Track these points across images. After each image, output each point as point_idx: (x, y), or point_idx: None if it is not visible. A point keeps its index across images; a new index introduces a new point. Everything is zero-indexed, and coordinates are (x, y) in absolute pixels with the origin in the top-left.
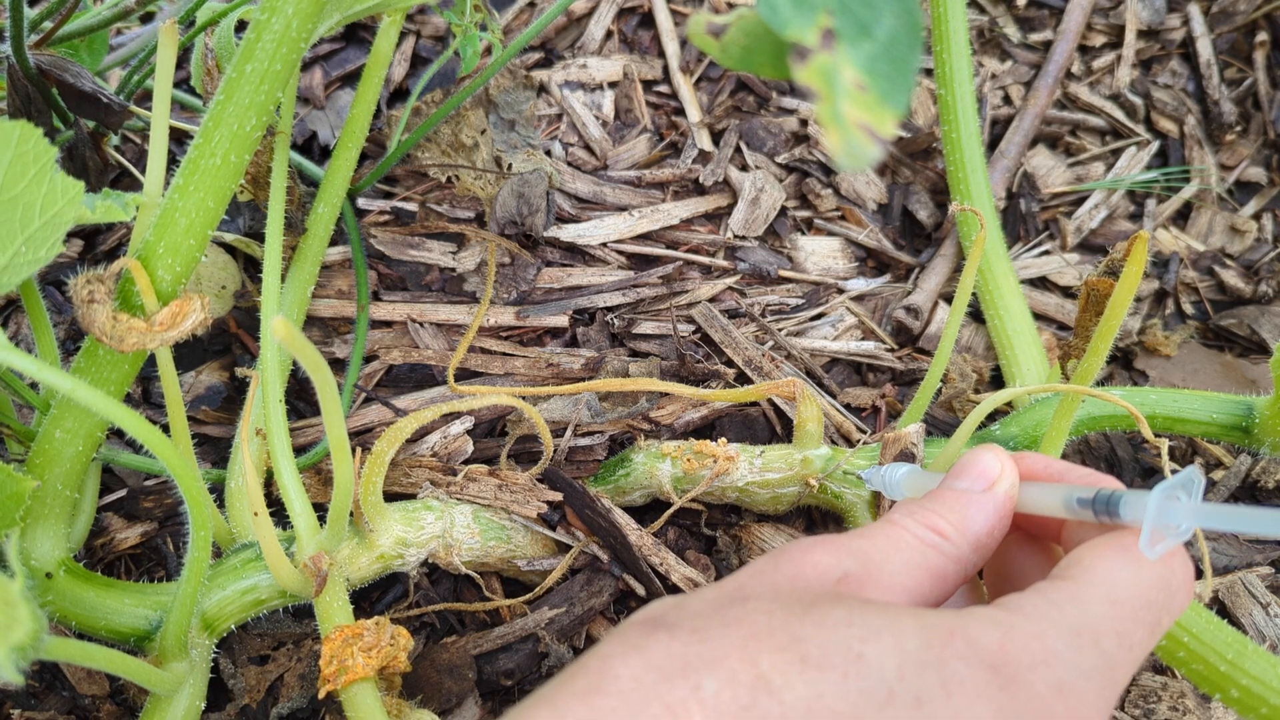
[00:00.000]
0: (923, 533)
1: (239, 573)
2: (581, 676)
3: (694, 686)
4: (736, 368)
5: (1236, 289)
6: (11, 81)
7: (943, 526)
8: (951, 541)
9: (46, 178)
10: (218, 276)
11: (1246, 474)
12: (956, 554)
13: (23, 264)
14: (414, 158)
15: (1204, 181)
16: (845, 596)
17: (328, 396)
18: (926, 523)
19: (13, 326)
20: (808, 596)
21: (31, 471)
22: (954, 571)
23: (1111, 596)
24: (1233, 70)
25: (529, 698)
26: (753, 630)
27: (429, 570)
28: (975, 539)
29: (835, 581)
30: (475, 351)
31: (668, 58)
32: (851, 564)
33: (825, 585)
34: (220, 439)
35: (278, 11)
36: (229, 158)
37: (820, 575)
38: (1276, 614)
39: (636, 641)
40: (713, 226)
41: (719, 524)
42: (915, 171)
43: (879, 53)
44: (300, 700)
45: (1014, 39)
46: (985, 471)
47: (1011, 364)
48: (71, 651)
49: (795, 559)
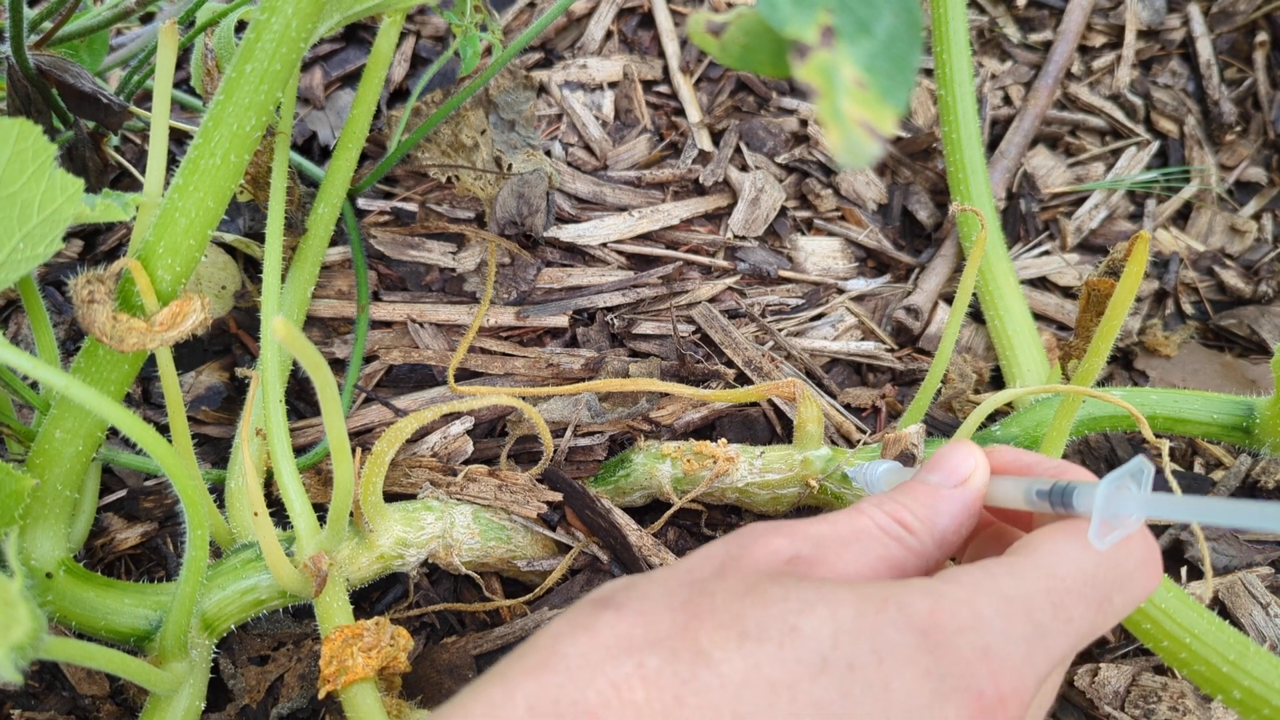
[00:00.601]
0: (886, 523)
1: (239, 573)
2: (532, 654)
3: (638, 664)
4: (736, 368)
5: (1236, 289)
6: (11, 82)
7: (908, 519)
8: (915, 535)
9: (45, 174)
10: (218, 276)
11: (1247, 474)
12: (919, 548)
13: (20, 260)
14: (414, 158)
15: (1204, 181)
16: (786, 575)
17: (328, 396)
18: (892, 514)
19: (13, 326)
20: (752, 577)
21: (31, 471)
22: (914, 565)
23: (1050, 571)
24: (1233, 70)
25: (482, 675)
26: (695, 611)
27: (429, 570)
28: (940, 534)
29: (784, 562)
30: (475, 352)
31: (668, 58)
32: (804, 547)
33: (773, 566)
34: (220, 439)
35: (277, 11)
36: (229, 158)
37: (770, 556)
38: (1276, 614)
39: (584, 622)
40: (713, 227)
41: (719, 524)
42: (915, 171)
43: (879, 50)
44: (300, 700)
45: (1014, 39)
46: (957, 467)
47: (1011, 364)
48: (71, 651)
49: (747, 542)
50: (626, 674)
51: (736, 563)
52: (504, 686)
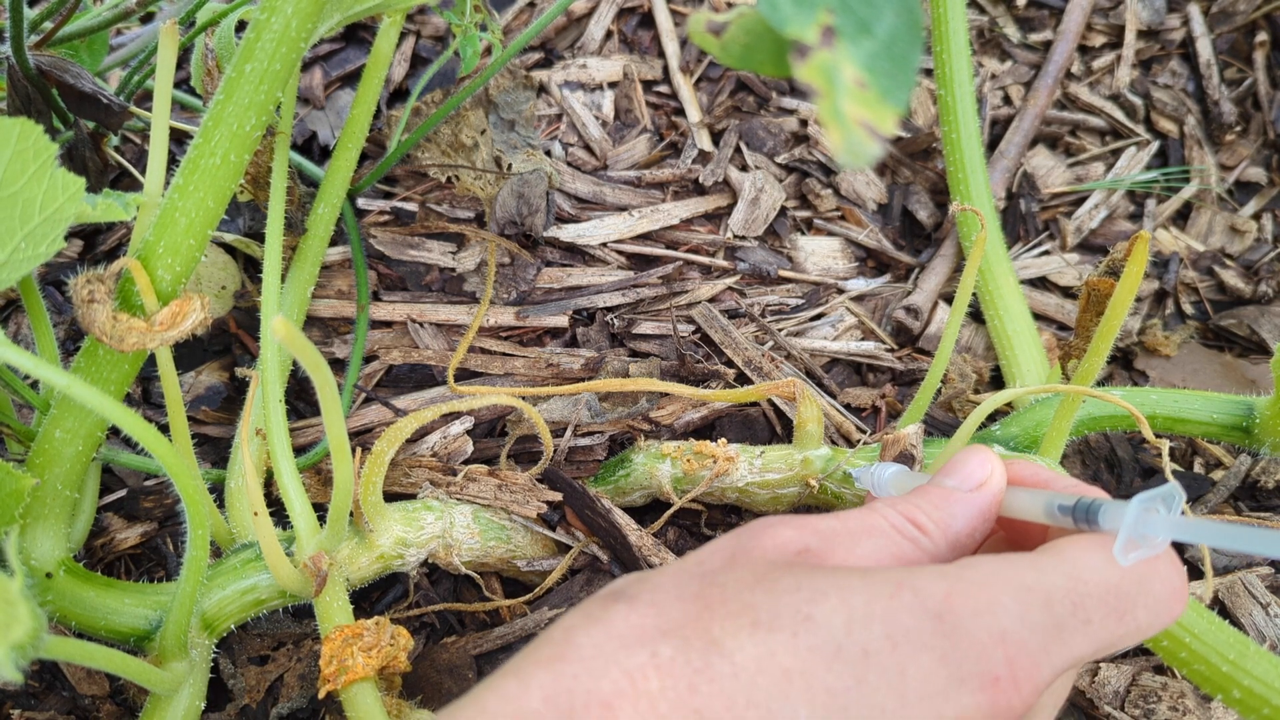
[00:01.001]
0: (900, 522)
1: (239, 573)
2: (546, 646)
3: (651, 653)
4: (736, 368)
5: (1236, 289)
6: (11, 82)
7: (922, 520)
8: (929, 536)
9: (46, 174)
10: (218, 276)
11: (1246, 474)
12: (932, 549)
13: (22, 260)
14: (414, 158)
15: (1204, 181)
16: (797, 565)
17: (328, 396)
18: (907, 515)
19: (13, 326)
20: (762, 567)
21: (31, 471)
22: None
23: (1072, 572)
24: (1233, 70)
25: (496, 671)
26: (707, 601)
27: (429, 570)
28: (954, 537)
29: (794, 554)
30: (475, 351)
31: (668, 58)
32: (814, 540)
33: (783, 557)
34: (220, 439)
35: (277, 11)
36: (229, 157)
37: (779, 548)
38: (1276, 614)
39: (597, 614)
40: (713, 226)
41: (719, 524)
42: (915, 171)
43: (879, 50)
44: (300, 700)
45: (1014, 39)
46: (974, 472)
47: (1011, 364)
48: (71, 650)
49: (756, 534)
50: (640, 663)
51: (747, 554)
52: (518, 679)
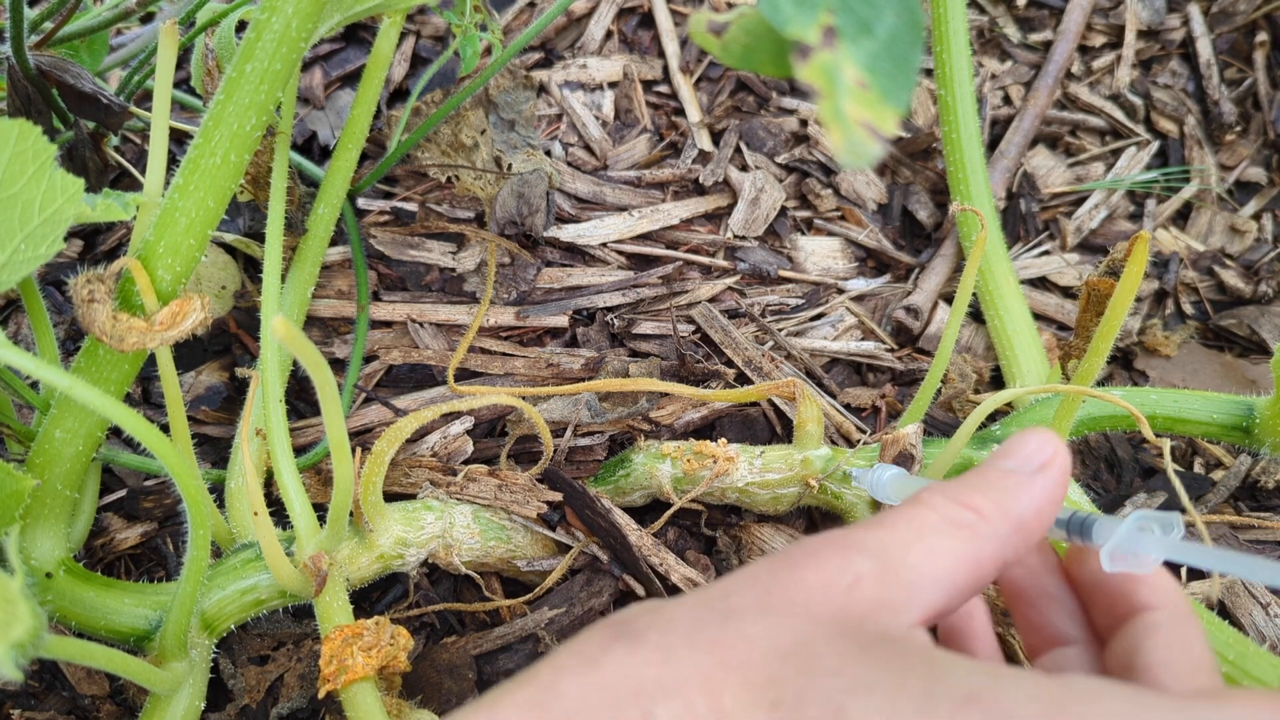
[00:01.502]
0: (954, 512)
1: (239, 573)
2: (529, 685)
3: (644, 713)
4: (736, 368)
5: (1236, 289)
6: (11, 82)
7: (978, 503)
8: (988, 520)
9: (46, 175)
10: (218, 276)
11: (1246, 474)
12: (993, 533)
13: (22, 261)
14: (414, 158)
15: (1204, 181)
16: (844, 633)
17: (328, 396)
18: (960, 499)
19: (13, 326)
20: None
21: (31, 471)
22: (991, 554)
23: None
24: (1233, 70)
25: (473, 702)
26: (724, 658)
27: (429, 570)
28: (1018, 519)
29: (844, 591)
30: (475, 351)
31: (668, 58)
32: (865, 564)
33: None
34: (220, 439)
35: (277, 11)
36: (229, 157)
37: (826, 584)
38: (1276, 614)
39: (592, 654)
40: (713, 226)
41: (719, 524)
42: (915, 171)
43: (880, 50)
44: (300, 700)
45: (1014, 39)
46: (1035, 452)
47: (1011, 364)
48: (71, 650)
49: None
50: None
51: (786, 592)
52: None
